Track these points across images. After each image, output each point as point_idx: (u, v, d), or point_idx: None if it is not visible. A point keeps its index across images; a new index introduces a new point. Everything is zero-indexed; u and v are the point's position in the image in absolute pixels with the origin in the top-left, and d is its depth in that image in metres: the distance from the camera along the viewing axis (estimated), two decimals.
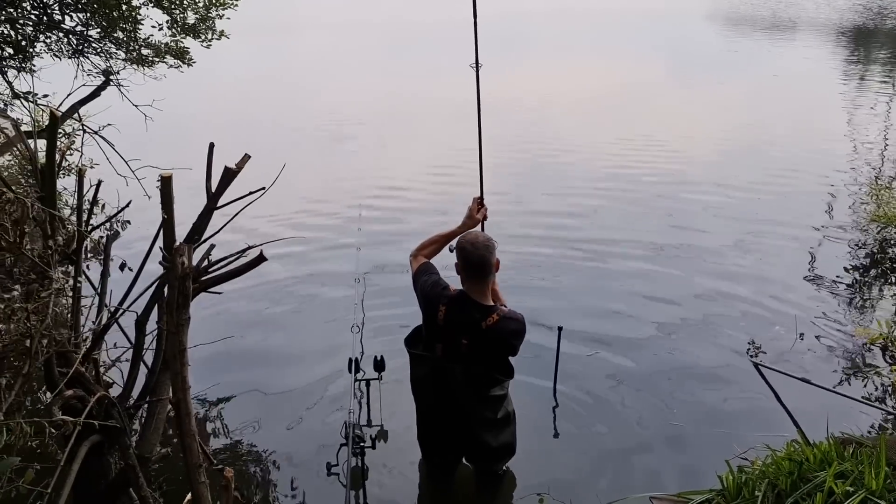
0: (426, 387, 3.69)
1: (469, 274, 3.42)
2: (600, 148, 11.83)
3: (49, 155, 2.60)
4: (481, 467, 4.03)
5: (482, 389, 3.56)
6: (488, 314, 3.39)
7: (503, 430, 3.78)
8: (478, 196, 4.02)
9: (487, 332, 3.40)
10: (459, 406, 3.59)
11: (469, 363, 3.48)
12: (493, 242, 3.39)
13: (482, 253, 3.33)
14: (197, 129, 12.49)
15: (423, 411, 3.82)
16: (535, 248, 7.49)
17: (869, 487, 3.05)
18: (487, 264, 3.36)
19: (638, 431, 4.58)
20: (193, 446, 2.58)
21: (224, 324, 5.89)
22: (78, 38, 7.27)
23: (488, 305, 3.44)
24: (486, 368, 3.52)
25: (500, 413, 3.69)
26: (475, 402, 3.58)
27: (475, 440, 3.73)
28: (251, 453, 4.48)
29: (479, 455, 3.89)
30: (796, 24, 30.99)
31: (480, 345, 3.45)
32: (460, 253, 3.40)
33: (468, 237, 3.41)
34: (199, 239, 2.98)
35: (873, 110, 14.64)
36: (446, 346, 3.50)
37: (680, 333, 5.77)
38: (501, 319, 3.41)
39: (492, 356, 3.53)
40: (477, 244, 3.35)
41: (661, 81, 18.84)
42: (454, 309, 3.45)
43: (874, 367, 5.23)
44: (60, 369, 2.66)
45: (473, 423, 3.65)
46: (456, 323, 3.44)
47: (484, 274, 3.38)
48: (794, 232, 7.92)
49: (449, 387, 3.55)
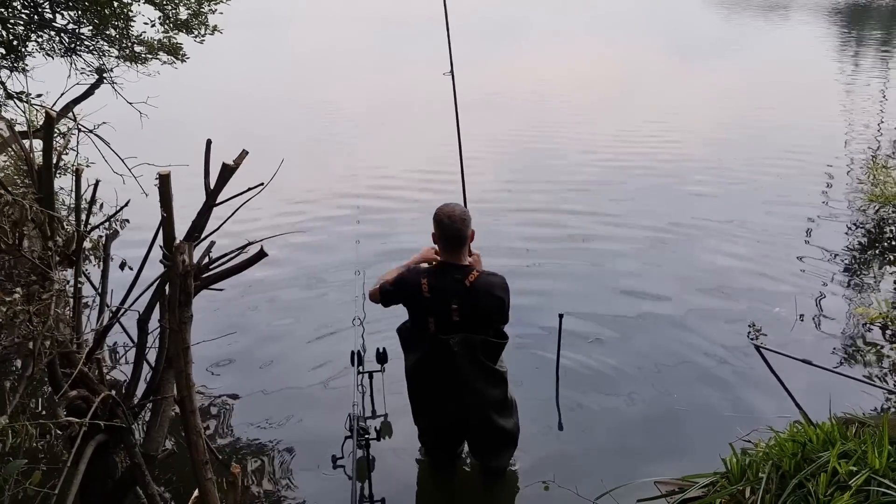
0: (423, 370, 3.67)
1: (446, 244, 3.55)
2: (597, 134, 11.83)
3: (46, 155, 2.59)
4: (485, 461, 3.99)
5: (484, 360, 3.57)
6: (469, 272, 3.50)
7: (509, 417, 3.80)
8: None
9: (473, 289, 3.46)
10: (462, 383, 3.57)
11: (463, 330, 3.49)
12: (468, 215, 3.52)
13: (458, 225, 3.47)
14: (193, 125, 12.45)
15: (421, 400, 3.80)
16: (535, 237, 7.50)
17: (872, 466, 3.06)
18: (463, 236, 3.50)
19: (641, 416, 4.60)
20: (199, 443, 2.59)
21: (226, 320, 5.89)
22: (70, 36, 7.25)
23: (466, 265, 3.54)
24: (482, 334, 3.53)
25: (507, 394, 3.74)
26: (477, 373, 3.57)
27: (480, 420, 3.71)
28: (256, 448, 4.49)
29: (484, 438, 3.84)
30: (790, 5, 30.91)
31: (470, 305, 3.47)
32: (438, 225, 3.51)
33: (445, 210, 3.50)
34: (198, 236, 2.98)
35: (868, 87, 14.64)
36: (438, 319, 3.52)
37: (680, 317, 5.78)
38: (482, 275, 3.52)
39: (484, 317, 3.53)
40: (454, 217, 3.46)
41: (657, 66, 18.79)
42: (435, 276, 3.53)
43: (875, 346, 5.25)
44: (64, 370, 2.67)
45: (478, 400, 3.63)
46: (441, 288, 3.49)
47: (460, 244, 3.52)
48: (793, 213, 7.94)
49: (450, 363, 3.52)
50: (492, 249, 7.05)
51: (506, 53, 20.27)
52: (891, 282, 6.39)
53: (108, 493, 2.99)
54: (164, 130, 10.59)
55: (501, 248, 7.16)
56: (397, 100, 15.41)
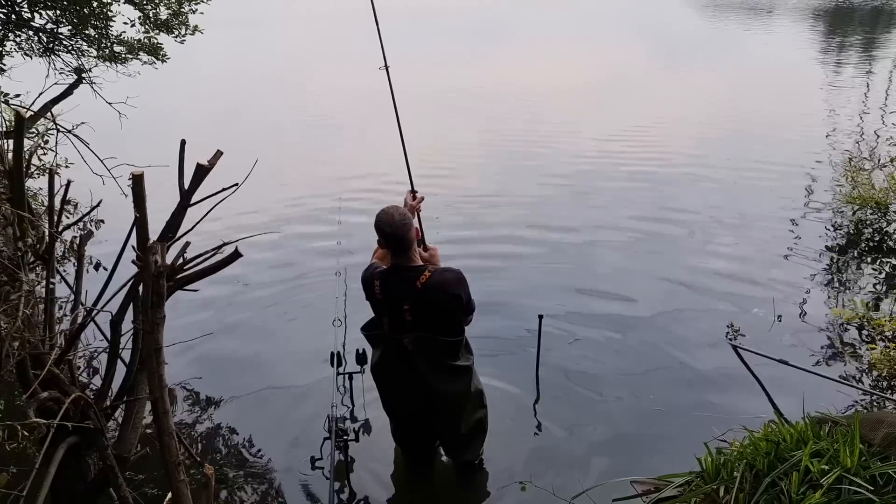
0: (383, 368, 3.70)
1: (392, 250, 3.53)
2: (580, 136, 11.88)
3: (16, 155, 2.57)
4: (455, 457, 4.04)
5: (440, 358, 3.57)
6: (420, 273, 3.47)
7: (474, 410, 3.82)
8: (410, 189, 4.11)
9: (425, 290, 3.44)
10: (419, 380, 3.59)
11: (417, 329, 3.50)
12: (407, 218, 3.47)
13: (398, 231, 3.42)
14: (175, 125, 12.39)
15: (388, 399, 3.84)
16: (516, 238, 7.51)
17: (844, 465, 3.10)
18: (406, 239, 3.46)
19: (619, 417, 4.62)
20: (172, 445, 2.57)
21: (203, 321, 5.86)
22: (48, 35, 7.19)
23: (419, 265, 3.52)
24: (432, 333, 3.52)
25: (471, 388, 3.73)
26: (435, 371, 3.58)
27: (444, 419, 3.75)
28: (234, 450, 4.47)
29: (451, 437, 3.90)
30: (773, 6, 31.16)
31: (422, 307, 3.46)
32: (380, 233, 3.49)
33: (383, 217, 3.45)
34: (172, 237, 2.96)
35: (852, 89, 14.80)
36: (391, 319, 3.55)
37: (660, 317, 5.81)
38: (435, 274, 3.48)
39: (436, 317, 3.52)
40: (393, 224, 3.42)
41: (641, 69, 18.88)
42: (387, 279, 3.52)
43: (851, 346, 5.30)
44: (35, 371, 2.64)
45: (440, 398, 3.64)
46: (392, 291, 3.50)
47: (405, 247, 3.48)
48: (773, 215, 8.00)
49: (405, 361, 3.57)
50: (473, 248, 7.10)
51: (489, 53, 20.30)
52: (868, 283, 6.46)
53: (81, 496, 2.97)
54: (146, 131, 10.55)
55: (483, 247, 7.18)
56: (376, 99, 15.37)
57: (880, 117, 12.51)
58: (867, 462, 3.14)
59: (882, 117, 12.51)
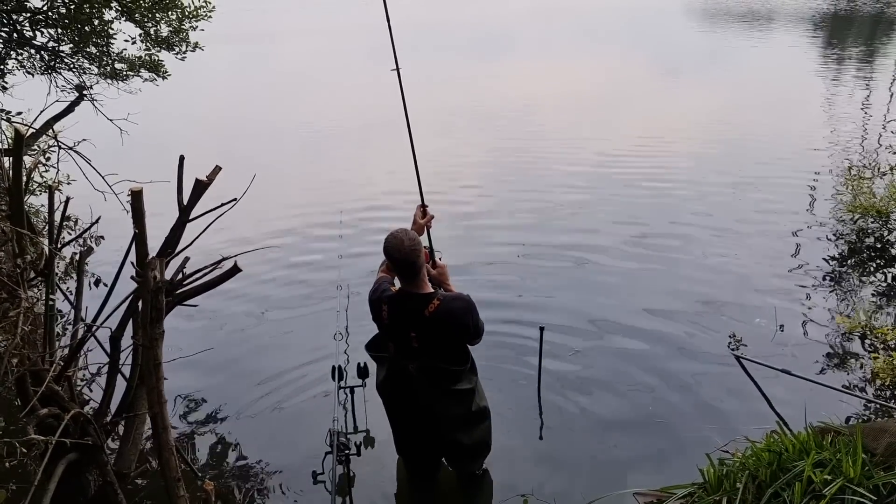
0: (388, 389, 3.71)
1: (400, 275, 3.50)
2: (581, 147, 11.87)
3: (15, 172, 2.59)
4: (458, 468, 4.04)
5: (442, 384, 3.56)
6: (429, 301, 3.43)
7: (476, 427, 3.79)
8: (420, 203, 4.07)
9: (432, 320, 3.41)
10: (424, 404, 3.59)
11: (421, 358, 3.49)
12: (416, 243, 3.42)
13: (407, 257, 3.37)
14: (176, 141, 12.43)
15: (392, 415, 3.84)
16: (517, 248, 7.51)
17: (847, 475, 3.08)
18: (415, 265, 3.41)
19: (621, 428, 4.60)
20: (171, 460, 2.58)
21: (205, 335, 5.87)
22: (50, 54, 7.23)
23: (427, 293, 3.48)
24: (438, 361, 3.51)
25: (472, 407, 3.70)
26: (439, 397, 3.57)
27: (447, 439, 3.74)
28: (236, 464, 4.45)
29: (454, 454, 3.91)
30: (773, 15, 31.27)
31: (429, 335, 3.45)
32: (388, 258, 3.46)
33: (392, 242, 3.40)
34: (171, 252, 2.97)
35: (851, 97, 14.81)
36: (397, 345, 3.55)
37: (661, 328, 5.79)
38: (444, 302, 3.43)
39: (443, 345, 3.51)
40: (402, 249, 3.37)
41: (642, 79, 18.93)
42: (395, 305, 3.49)
43: (854, 356, 5.28)
44: (35, 388, 2.65)
45: (442, 421, 3.64)
46: (400, 318, 3.48)
47: (413, 273, 3.43)
48: (775, 225, 7.99)
49: (409, 386, 3.57)
50: (478, 261, 7.11)
51: (490, 64, 20.37)
52: (870, 291, 6.44)
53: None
54: (149, 147, 10.59)
55: (487, 260, 7.18)
56: (377, 112, 15.43)
57: (881, 125, 12.52)
58: (870, 472, 3.12)
59: (883, 125, 12.51)
